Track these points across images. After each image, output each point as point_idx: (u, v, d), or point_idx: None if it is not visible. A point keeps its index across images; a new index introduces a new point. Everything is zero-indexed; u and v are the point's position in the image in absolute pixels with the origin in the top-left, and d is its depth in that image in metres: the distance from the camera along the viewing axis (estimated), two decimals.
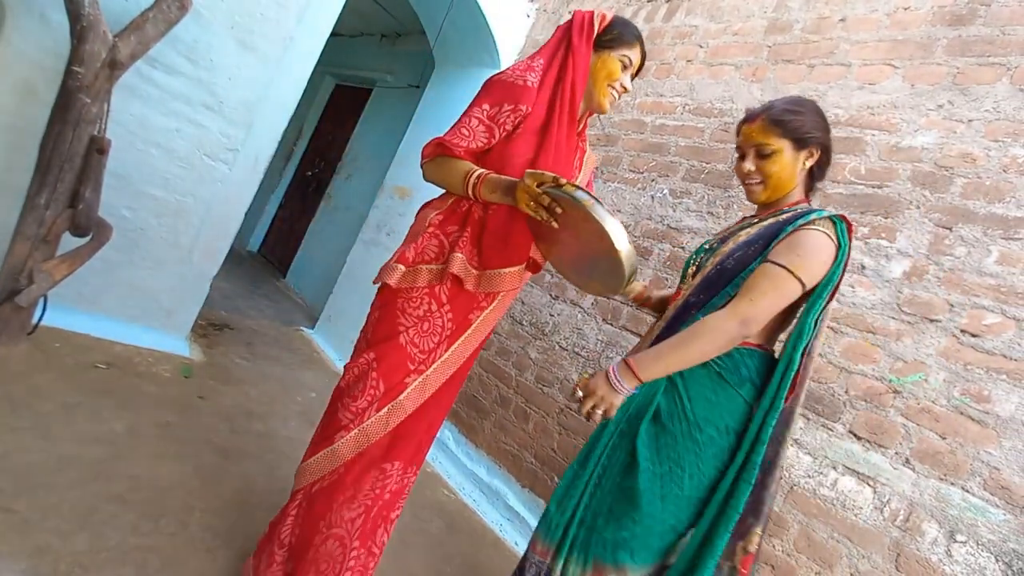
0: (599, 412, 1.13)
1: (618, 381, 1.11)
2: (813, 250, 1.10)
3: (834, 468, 1.54)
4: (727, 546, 1.08)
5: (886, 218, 1.65)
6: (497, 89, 1.23)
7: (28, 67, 1.85)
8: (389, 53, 4.80)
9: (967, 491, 1.34)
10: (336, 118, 5.29)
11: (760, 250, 1.16)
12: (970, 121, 1.58)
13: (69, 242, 1.88)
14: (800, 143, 1.19)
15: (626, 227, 1.02)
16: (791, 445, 1.62)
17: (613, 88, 1.31)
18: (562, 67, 1.25)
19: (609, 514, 1.18)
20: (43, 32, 1.83)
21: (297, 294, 4.54)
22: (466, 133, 1.21)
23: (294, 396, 2.59)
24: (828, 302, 1.13)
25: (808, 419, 1.62)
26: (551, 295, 2.52)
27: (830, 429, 1.57)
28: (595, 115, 1.50)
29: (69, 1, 1.66)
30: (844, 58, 1.92)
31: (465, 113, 1.23)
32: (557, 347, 2.41)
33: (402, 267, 1.21)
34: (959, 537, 1.32)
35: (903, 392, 1.48)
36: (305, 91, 2.50)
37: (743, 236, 1.24)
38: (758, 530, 1.08)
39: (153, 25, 1.82)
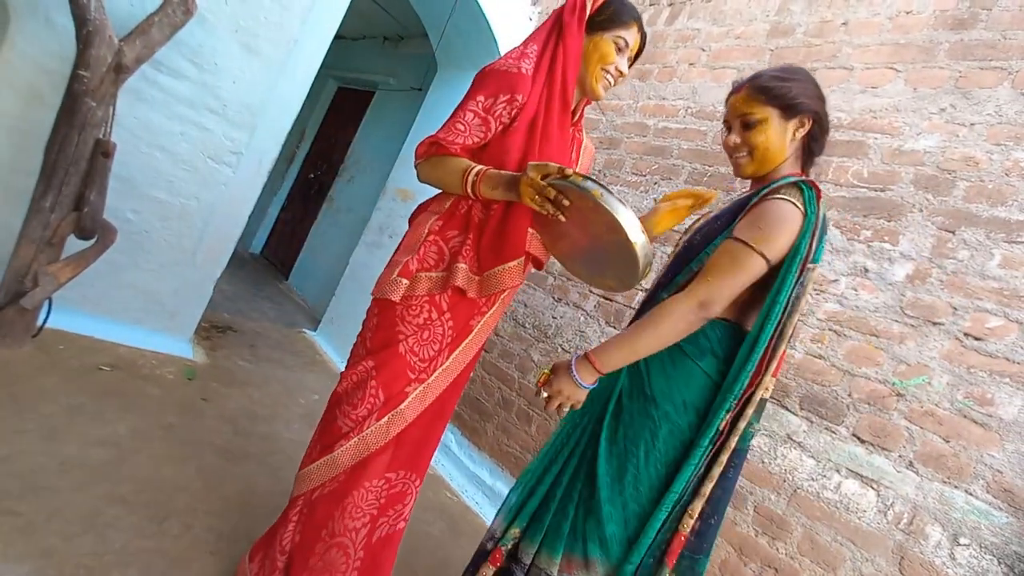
0: (566, 409, 1.10)
1: (578, 376, 1.06)
2: (776, 221, 1.03)
3: (837, 471, 1.54)
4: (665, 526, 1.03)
5: (889, 221, 1.66)
6: (491, 80, 1.16)
7: (33, 71, 1.86)
8: (391, 56, 4.82)
9: (970, 494, 1.34)
10: (339, 121, 5.31)
11: (726, 224, 1.11)
12: (972, 125, 1.59)
13: (74, 245, 1.89)
14: (788, 111, 1.11)
15: (652, 251, 0.98)
16: (794, 447, 1.63)
17: (607, 72, 1.22)
18: (554, 52, 1.18)
19: (580, 502, 1.13)
20: (48, 36, 1.84)
21: (299, 296, 4.55)
22: (461, 129, 1.14)
23: (297, 398, 2.60)
24: (799, 275, 1.04)
25: (812, 422, 1.62)
26: (554, 297, 2.53)
27: (833, 432, 1.57)
28: (595, 109, 1.45)
29: (75, 5, 1.67)
30: (846, 61, 1.93)
31: (459, 107, 1.17)
32: (560, 349, 2.41)
33: (405, 281, 1.15)
34: (962, 540, 1.32)
35: (906, 395, 1.49)
36: (308, 94, 2.51)
37: (714, 212, 1.19)
38: (689, 510, 1.02)
39: (158, 29, 1.83)
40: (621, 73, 1.24)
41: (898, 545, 1.39)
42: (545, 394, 1.11)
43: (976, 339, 1.43)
